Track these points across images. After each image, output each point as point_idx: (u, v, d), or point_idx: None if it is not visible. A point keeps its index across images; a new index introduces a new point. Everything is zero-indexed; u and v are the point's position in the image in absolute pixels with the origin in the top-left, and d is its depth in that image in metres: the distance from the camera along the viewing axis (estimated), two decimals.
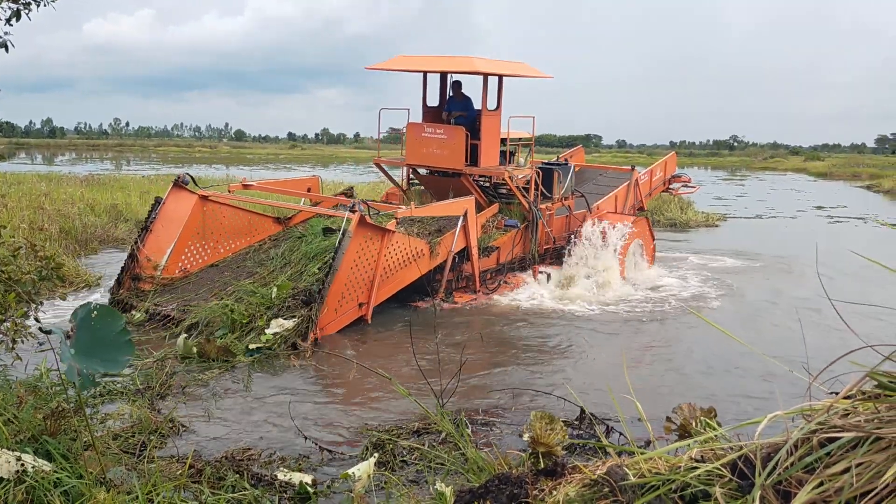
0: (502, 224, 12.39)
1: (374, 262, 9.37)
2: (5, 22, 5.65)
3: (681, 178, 17.10)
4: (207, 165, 50.36)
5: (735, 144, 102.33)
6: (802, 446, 1.91)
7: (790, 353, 8.33)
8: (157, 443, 5.34)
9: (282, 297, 8.98)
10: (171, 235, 10.14)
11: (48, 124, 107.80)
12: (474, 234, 11.12)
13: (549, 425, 4.73)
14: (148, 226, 10.11)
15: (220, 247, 10.81)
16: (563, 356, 8.64)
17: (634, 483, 2.17)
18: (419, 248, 10.18)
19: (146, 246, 9.96)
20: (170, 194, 10.38)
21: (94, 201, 18.12)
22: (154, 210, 10.20)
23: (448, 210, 10.71)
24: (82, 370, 3.28)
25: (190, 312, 9.01)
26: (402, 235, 9.81)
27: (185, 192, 10.42)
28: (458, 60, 12.24)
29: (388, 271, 9.64)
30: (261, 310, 8.81)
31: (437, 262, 10.52)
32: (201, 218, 10.48)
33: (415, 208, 10.11)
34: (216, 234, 10.75)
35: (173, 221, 10.20)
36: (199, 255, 10.55)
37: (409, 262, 10.01)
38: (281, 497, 4.54)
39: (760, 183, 44.38)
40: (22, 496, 3.27)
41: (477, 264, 11.34)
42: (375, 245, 9.35)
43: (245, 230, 11.15)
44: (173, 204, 10.32)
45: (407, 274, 10.03)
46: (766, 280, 13.71)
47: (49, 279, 5.69)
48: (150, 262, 9.92)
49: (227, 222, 10.90)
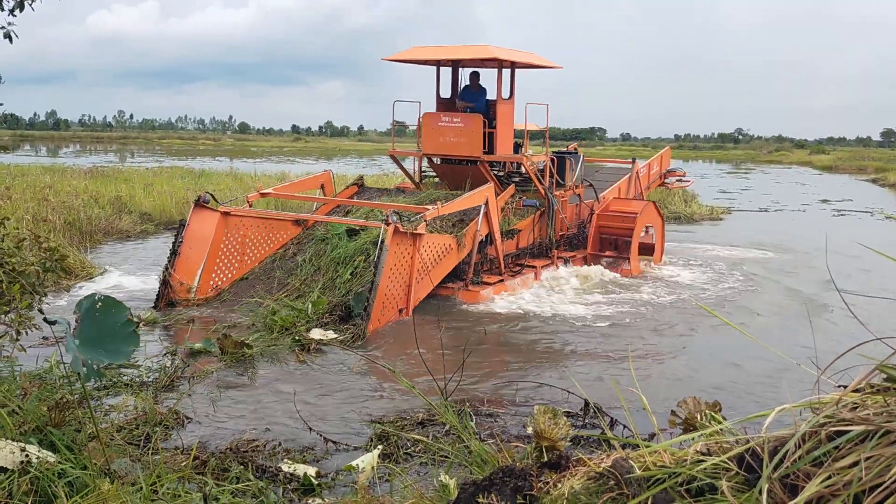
0: (521, 205, 12.52)
1: (409, 267, 9.43)
2: (9, 12, 5.64)
3: (675, 172, 17.43)
4: (211, 158, 50.40)
5: (740, 138, 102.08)
6: (810, 440, 1.90)
7: (797, 346, 8.36)
8: (162, 434, 5.34)
9: (318, 314, 9.06)
10: (199, 256, 10.16)
11: (52, 116, 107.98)
12: (496, 219, 11.24)
13: (552, 420, 4.72)
14: (176, 250, 10.09)
15: (246, 258, 10.82)
16: (568, 348, 8.62)
17: (640, 476, 2.16)
18: (447, 243, 10.23)
19: (177, 270, 9.96)
20: (192, 215, 10.35)
21: (98, 193, 18.15)
22: (179, 233, 10.19)
23: (471, 202, 10.75)
24: (87, 361, 3.28)
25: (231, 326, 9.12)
26: (431, 235, 9.86)
27: (206, 210, 10.40)
28: (473, 49, 12.33)
29: (422, 273, 9.69)
30: (300, 321, 8.86)
31: (465, 253, 10.58)
32: (225, 234, 10.51)
33: (441, 207, 10.08)
34: (241, 247, 10.76)
35: (199, 241, 10.21)
36: (229, 270, 10.56)
37: (440, 259, 10.08)
38: (285, 489, 4.54)
39: (765, 176, 44.27)
40: (26, 487, 3.27)
41: (500, 248, 11.45)
42: (408, 251, 9.40)
43: (267, 237, 11.16)
44: (197, 224, 10.30)
45: (439, 271, 10.11)
46: (773, 272, 13.69)
47: (53, 271, 5.69)
48: (184, 286, 9.95)
49: (250, 232, 10.90)
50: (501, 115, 12.36)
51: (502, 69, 12.35)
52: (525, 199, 12.55)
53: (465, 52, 12.40)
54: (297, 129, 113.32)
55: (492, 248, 11.36)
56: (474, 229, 10.70)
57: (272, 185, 22.60)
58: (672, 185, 17.65)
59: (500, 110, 12.33)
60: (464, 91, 13.02)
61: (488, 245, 11.29)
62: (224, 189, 21.27)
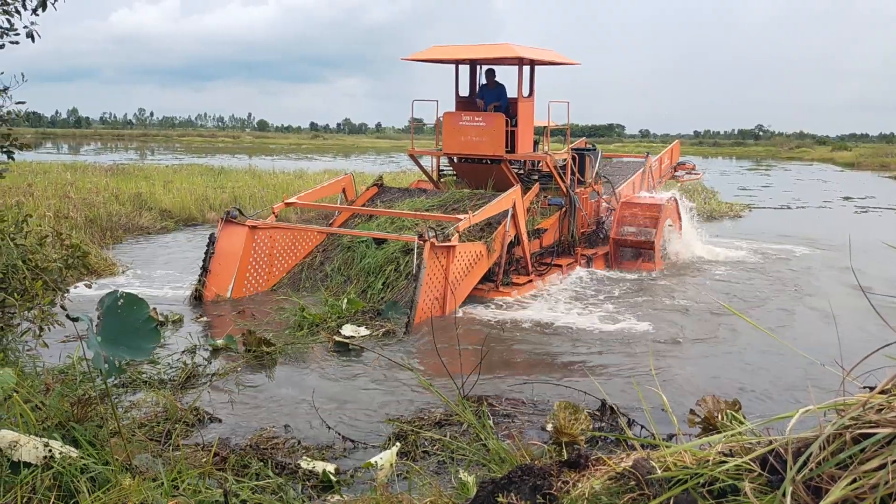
0: (546, 204, 12.50)
1: (443, 279, 9.47)
2: (31, 12, 5.69)
3: (685, 165, 17.44)
4: (230, 155, 50.70)
5: (760, 134, 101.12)
6: (835, 442, 1.88)
7: (821, 346, 8.27)
8: (183, 431, 5.38)
9: (352, 311, 9.18)
10: (229, 271, 10.31)
11: (74, 114, 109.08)
12: (523, 221, 11.23)
13: (573, 415, 4.72)
14: (206, 266, 10.18)
15: (274, 269, 10.96)
16: (586, 348, 8.58)
17: (661, 477, 2.15)
18: (478, 251, 10.23)
19: (209, 286, 10.10)
20: (221, 231, 10.45)
21: (118, 190, 18.33)
22: (209, 249, 10.28)
23: (500, 207, 10.72)
24: (109, 357, 3.31)
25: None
26: (463, 245, 9.86)
27: (234, 225, 10.50)
28: (495, 47, 12.30)
29: (455, 282, 9.70)
30: (332, 317, 8.94)
31: (495, 257, 10.59)
32: (254, 247, 10.62)
33: (472, 216, 10.09)
34: (269, 258, 10.89)
35: (229, 257, 10.32)
36: (258, 283, 10.73)
37: (471, 267, 10.09)
38: (304, 485, 4.56)
39: (786, 173, 43.84)
40: (49, 482, 3.31)
41: (528, 249, 11.42)
42: (442, 263, 9.45)
43: (293, 246, 11.29)
44: (226, 240, 10.39)
45: (470, 280, 10.12)
46: (796, 270, 13.53)
47: (75, 267, 5.75)
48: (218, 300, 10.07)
49: (277, 244, 11.01)
50: (522, 113, 12.33)
51: (522, 67, 12.31)
52: (550, 199, 12.51)
53: (487, 51, 12.37)
54: (316, 126, 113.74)
55: (518, 249, 11.34)
56: (503, 232, 10.67)
57: (291, 182, 22.81)
58: (682, 178, 17.67)
59: (520, 108, 12.29)
60: (482, 89, 12.96)
61: (515, 245, 11.27)
62: (243, 186, 21.41)
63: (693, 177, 17.96)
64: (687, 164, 17.79)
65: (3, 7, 5.54)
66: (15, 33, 5.67)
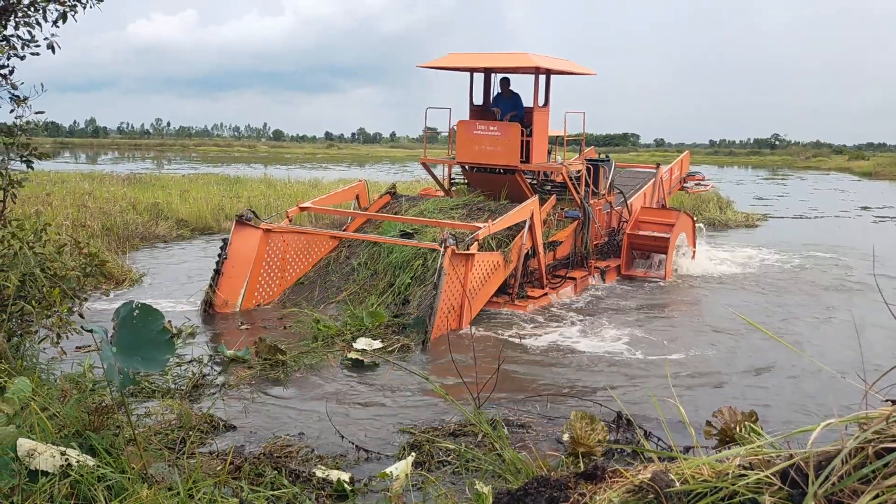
0: (563, 216, 12.38)
1: (461, 288, 9.38)
2: (52, 24, 5.76)
3: (694, 176, 17.37)
4: (246, 165, 50.98)
5: (777, 143, 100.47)
6: (857, 456, 1.85)
7: (842, 359, 8.18)
8: (197, 439, 5.39)
9: (374, 325, 9.08)
10: (242, 274, 10.21)
11: (91, 124, 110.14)
12: (540, 233, 11.11)
13: (589, 426, 4.69)
14: (219, 269, 10.09)
15: (286, 274, 10.89)
16: (602, 359, 8.53)
17: (680, 490, 2.12)
18: (495, 260, 10.13)
19: (221, 289, 10.01)
20: (235, 233, 10.33)
21: (135, 200, 18.47)
22: (223, 251, 10.18)
23: (518, 217, 10.63)
24: (122, 368, 3.32)
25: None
26: (481, 254, 9.78)
27: (249, 228, 10.41)
28: (512, 56, 12.22)
29: (473, 291, 9.60)
30: (351, 329, 8.87)
31: (511, 268, 10.49)
32: (267, 251, 10.54)
33: (491, 225, 10.01)
34: (282, 262, 10.82)
35: (242, 260, 10.23)
36: (271, 287, 10.64)
37: (488, 277, 9.99)
38: (318, 494, 4.55)
39: (803, 183, 43.52)
40: (67, 490, 3.32)
41: (543, 261, 11.27)
42: (461, 271, 9.36)
43: (306, 251, 11.24)
44: (240, 242, 10.29)
45: (487, 290, 10.01)
46: (816, 281, 13.40)
47: (93, 275, 5.79)
48: (228, 305, 10.03)
49: (291, 248, 10.96)
50: (538, 123, 12.24)
51: (539, 76, 12.24)
52: (567, 211, 12.39)
53: (505, 59, 12.29)
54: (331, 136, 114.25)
55: (533, 261, 11.19)
56: (519, 244, 10.57)
57: (305, 191, 22.88)
58: (691, 189, 17.57)
59: (536, 118, 12.20)
60: (497, 98, 12.89)
61: (531, 257, 11.13)
62: (258, 195, 21.51)
63: (702, 188, 17.85)
64: (696, 174, 17.71)
65: (24, 19, 5.61)
66: (36, 45, 5.74)
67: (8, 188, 5.71)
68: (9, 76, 5.72)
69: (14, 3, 5.58)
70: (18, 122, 5.74)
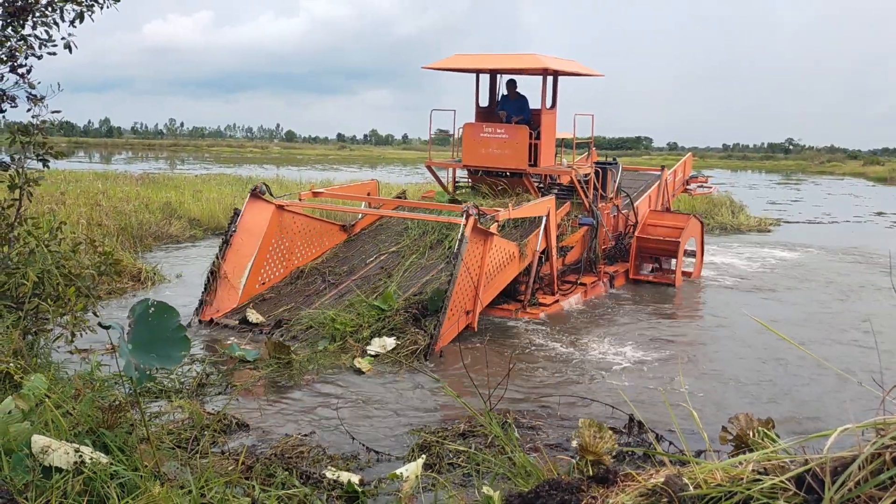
0: (577, 223, 12.12)
1: (479, 268, 9.11)
2: (69, 23, 5.81)
3: (697, 178, 17.27)
4: (258, 165, 51.19)
5: (790, 148, 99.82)
6: (874, 462, 1.83)
7: (859, 364, 8.10)
8: (209, 439, 5.41)
9: (390, 310, 8.85)
10: (251, 248, 9.93)
11: (106, 124, 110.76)
12: (554, 235, 10.85)
13: (597, 433, 4.66)
14: (228, 239, 9.83)
15: (294, 258, 10.63)
16: (613, 363, 8.51)
17: (694, 494, 2.11)
18: (511, 250, 9.88)
19: (227, 261, 9.75)
20: (248, 205, 10.10)
21: (148, 199, 18.57)
22: (233, 222, 9.93)
23: (537, 209, 10.43)
24: (139, 365, 3.34)
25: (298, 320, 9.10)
26: (500, 239, 9.50)
27: (262, 202, 10.16)
28: (520, 57, 12.03)
29: (489, 276, 9.33)
30: (370, 320, 8.70)
31: (525, 264, 10.24)
32: (279, 228, 10.30)
33: (512, 209, 9.77)
34: (290, 244, 10.58)
35: (252, 233, 9.97)
36: (276, 268, 10.38)
37: (505, 265, 9.74)
38: (329, 495, 4.56)
39: (816, 188, 43.23)
40: (80, 487, 3.34)
41: (556, 266, 11.03)
42: (480, 249, 9.07)
43: (317, 238, 11.07)
44: (251, 215, 10.04)
45: (502, 277, 9.74)
46: (831, 286, 13.30)
47: (107, 274, 5.83)
48: (227, 281, 9.69)
49: (301, 230, 10.76)
50: (545, 125, 12.04)
51: (546, 78, 12.07)
52: (581, 217, 12.11)
53: (512, 60, 12.11)
54: (343, 138, 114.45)
55: (545, 266, 10.93)
56: (535, 242, 10.36)
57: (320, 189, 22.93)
58: (694, 191, 17.45)
59: (544, 120, 12.01)
60: (503, 100, 12.69)
61: (543, 262, 10.86)
62: None
63: (705, 190, 17.74)
64: (699, 177, 17.59)
65: (41, 19, 5.66)
66: (53, 44, 5.79)
67: (24, 186, 5.76)
68: (26, 75, 5.77)
69: (32, 3, 5.63)
70: (35, 120, 5.79)
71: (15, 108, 5.88)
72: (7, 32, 5.61)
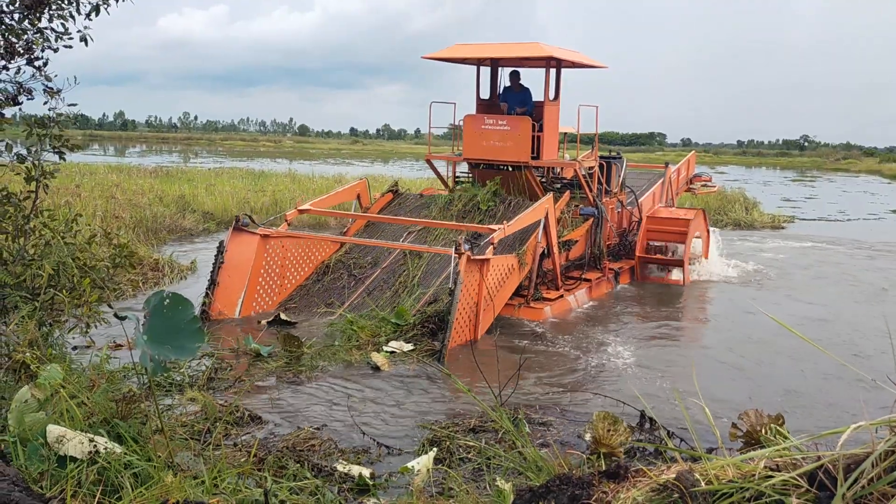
0: (577, 214, 11.87)
1: (476, 295, 8.85)
2: (85, 16, 5.84)
3: (701, 177, 17.18)
4: (271, 159, 51.36)
5: (806, 144, 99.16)
6: (888, 459, 1.83)
7: (873, 362, 8.05)
8: (222, 430, 5.45)
9: (405, 324, 8.72)
10: (239, 283, 9.57)
11: (120, 117, 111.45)
12: (554, 232, 10.61)
13: (611, 426, 4.67)
14: (214, 279, 9.40)
15: (286, 282, 10.32)
16: (623, 359, 8.50)
17: (705, 490, 2.11)
18: (510, 264, 9.62)
19: (217, 300, 9.34)
20: (231, 239, 9.66)
21: (162, 192, 18.69)
22: (218, 258, 9.48)
23: (533, 217, 10.13)
24: (154, 356, 3.37)
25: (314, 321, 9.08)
26: (496, 258, 9.24)
27: (246, 234, 9.79)
28: (523, 46, 11.66)
29: (488, 299, 9.06)
30: (386, 332, 8.60)
31: (526, 271, 10.03)
32: (266, 257, 9.93)
33: (507, 226, 9.50)
34: (281, 269, 10.24)
35: (239, 268, 9.60)
36: (270, 297, 10.06)
37: (503, 281, 9.49)
38: (341, 488, 4.58)
39: (831, 185, 42.94)
40: (94, 476, 3.38)
41: (558, 261, 10.80)
42: (476, 277, 8.79)
43: (307, 256, 10.67)
44: (236, 249, 9.64)
45: (502, 295, 9.52)
46: (845, 282, 13.23)
47: (122, 266, 5.87)
48: (222, 316, 9.37)
49: (290, 253, 10.38)
50: (548, 117, 11.69)
51: (550, 68, 11.72)
52: (582, 208, 11.88)
53: (515, 50, 11.71)
54: (355, 132, 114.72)
55: (548, 261, 10.70)
56: (534, 244, 10.11)
57: (329, 186, 22.98)
58: (698, 190, 17.34)
59: (546, 112, 11.64)
60: (505, 92, 12.35)
61: (545, 258, 10.65)
62: (283, 189, 21.66)
63: (708, 189, 17.59)
64: (702, 175, 17.48)
65: (58, 12, 5.69)
66: (69, 37, 5.82)
67: (40, 179, 5.80)
68: (43, 68, 5.80)
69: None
70: (52, 113, 5.83)
71: (32, 101, 5.92)
72: (24, 25, 5.65)
